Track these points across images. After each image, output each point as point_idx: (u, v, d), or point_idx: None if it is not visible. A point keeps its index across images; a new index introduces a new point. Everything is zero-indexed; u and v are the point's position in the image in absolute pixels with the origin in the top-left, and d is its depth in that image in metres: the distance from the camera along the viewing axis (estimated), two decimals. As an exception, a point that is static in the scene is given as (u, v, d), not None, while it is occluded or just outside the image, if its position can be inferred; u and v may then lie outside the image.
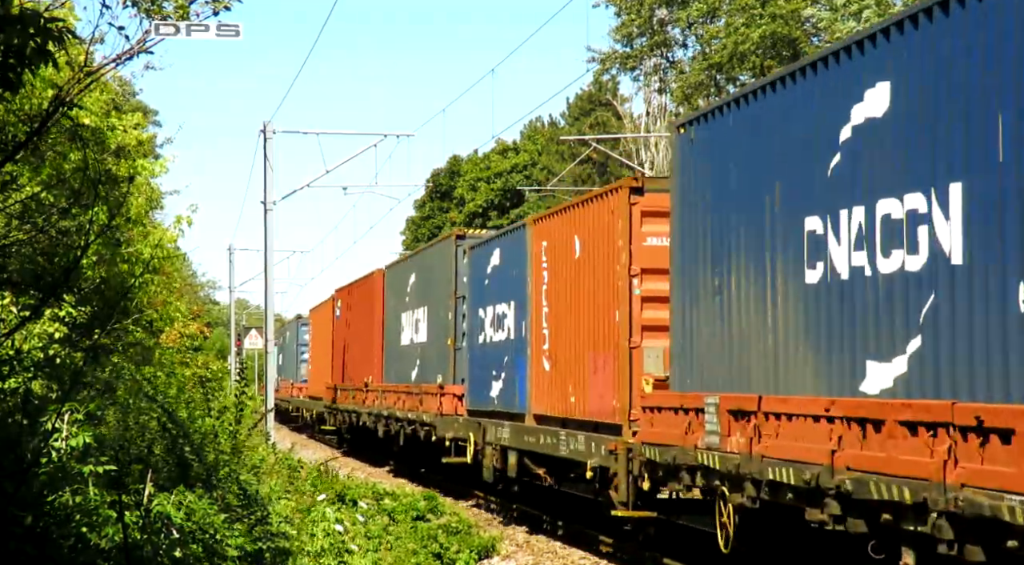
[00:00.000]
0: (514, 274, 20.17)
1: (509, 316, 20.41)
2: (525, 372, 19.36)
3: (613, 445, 15.16)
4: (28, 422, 8.48)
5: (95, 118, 14.64)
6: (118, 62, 10.15)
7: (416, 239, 75.41)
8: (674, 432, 13.22)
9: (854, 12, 42.01)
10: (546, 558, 17.69)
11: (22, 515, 7.56)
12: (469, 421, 22.75)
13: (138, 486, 9.97)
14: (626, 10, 56.26)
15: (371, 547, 16.10)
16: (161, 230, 18.55)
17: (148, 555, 8.67)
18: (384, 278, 32.41)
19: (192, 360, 25.72)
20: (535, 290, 19.04)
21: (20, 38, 6.51)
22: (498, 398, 20.92)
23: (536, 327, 18.96)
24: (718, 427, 12.06)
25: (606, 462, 15.49)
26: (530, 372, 19.16)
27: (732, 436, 11.78)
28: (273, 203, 32.16)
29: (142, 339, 18.94)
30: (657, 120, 54.65)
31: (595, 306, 16.45)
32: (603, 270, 16.17)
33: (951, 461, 8.67)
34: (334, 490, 21.32)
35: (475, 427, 22.15)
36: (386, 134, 34.22)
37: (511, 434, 19.84)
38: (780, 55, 50.67)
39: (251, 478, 14.99)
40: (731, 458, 11.72)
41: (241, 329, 75.31)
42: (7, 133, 12.66)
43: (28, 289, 14.05)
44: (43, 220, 14.12)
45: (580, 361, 16.92)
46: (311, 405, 47.79)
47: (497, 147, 73.90)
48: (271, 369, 33.61)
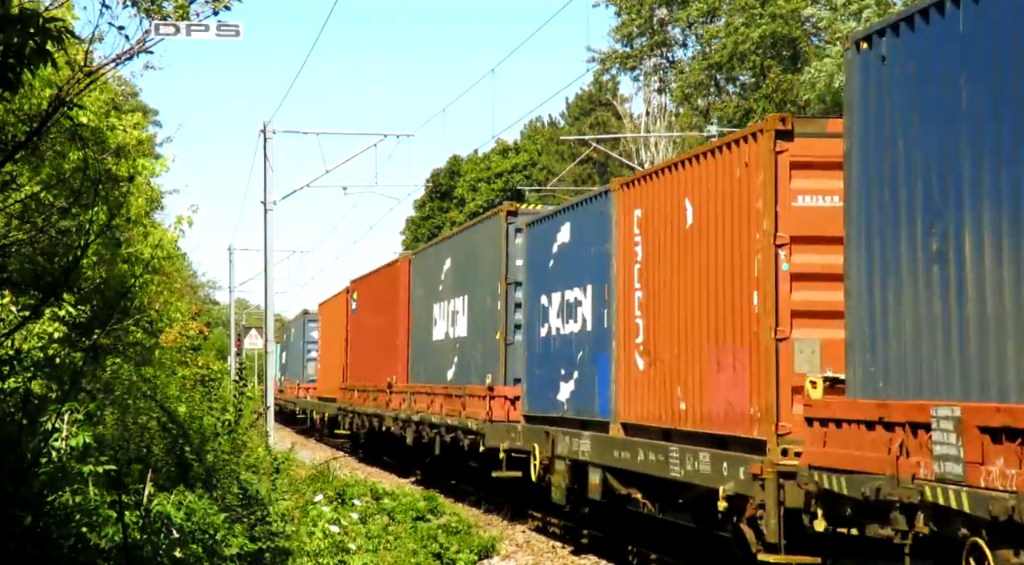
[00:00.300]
0: (592, 252, 16.65)
1: (585, 303, 16.87)
2: (609, 371, 15.84)
3: (758, 468, 11.78)
4: (28, 422, 8.48)
5: (94, 118, 14.64)
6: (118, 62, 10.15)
7: (416, 239, 75.41)
8: (871, 455, 9.73)
9: (854, 12, 42.01)
10: (546, 558, 17.69)
11: (22, 515, 7.56)
12: (531, 430, 18.84)
13: (138, 486, 9.98)
14: (626, 10, 56.29)
15: (371, 547, 16.12)
16: (161, 230, 18.56)
17: (148, 555, 8.67)
18: (410, 266, 29.06)
19: (192, 360, 25.72)
20: (624, 270, 15.54)
21: (19, 38, 6.51)
22: (569, 402, 17.38)
23: (625, 316, 15.45)
24: (960, 451, 8.70)
25: (746, 489, 12.01)
26: (616, 371, 15.64)
27: (990, 465, 8.42)
28: (273, 203, 32.16)
29: (142, 339, 18.94)
30: (657, 120, 54.67)
31: (718, 287, 13.06)
32: (731, 241, 12.76)
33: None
34: (333, 489, 21.35)
35: (540, 438, 18.19)
36: (386, 134, 34.23)
37: (594, 447, 16.05)
38: (780, 55, 50.68)
39: (251, 478, 15.00)
40: (996, 497, 8.24)
41: (241, 329, 75.28)
42: (7, 133, 12.66)
43: (28, 289, 14.05)
44: (43, 220, 14.11)
45: (694, 357, 13.53)
46: (321, 407, 44.53)
47: (497, 147, 73.93)
48: (271, 369, 33.62)
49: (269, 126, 31.76)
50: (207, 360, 28.70)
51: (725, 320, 12.87)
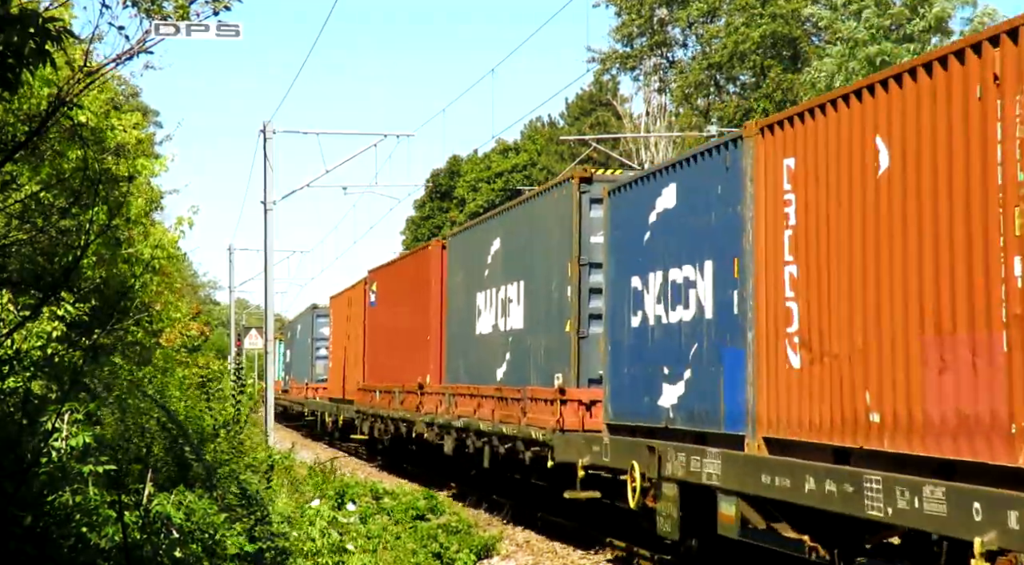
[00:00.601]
0: (711, 219, 13.03)
1: (701, 284, 13.22)
2: (742, 370, 12.32)
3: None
4: (28, 422, 8.48)
5: (94, 117, 14.65)
6: (118, 62, 10.15)
7: (416, 239, 75.47)
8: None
9: (854, 12, 42.04)
10: (546, 558, 17.68)
11: (22, 515, 7.56)
12: (625, 443, 14.92)
13: (138, 486, 9.99)
14: (626, 10, 56.34)
15: (370, 547, 16.11)
16: (161, 230, 18.58)
17: (148, 555, 8.68)
18: (446, 250, 25.64)
19: (192, 360, 25.74)
20: (767, 239, 12.00)
21: (19, 38, 6.51)
22: (676, 409, 13.60)
23: (770, 298, 11.91)
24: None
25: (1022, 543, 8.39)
26: (755, 370, 12.07)
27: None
28: (273, 203, 32.19)
29: (142, 339, 18.96)
30: (657, 120, 54.69)
31: (940, 255, 9.39)
32: (963, 189, 9.14)
33: None
34: (333, 490, 21.36)
35: (640, 454, 14.22)
36: (386, 134, 34.28)
37: (727, 469, 12.33)
38: (780, 55, 50.69)
39: (251, 477, 15.01)
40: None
41: (241, 329, 75.32)
42: (7, 133, 12.66)
43: (28, 289, 14.06)
44: (43, 220, 14.13)
45: (894, 352, 9.98)
46: (333, 409, 40.54)
47: (497, 147, 73.98)
48: (271, 369, 33.64)
49: (269, 126, 31.78)
50: (207, 360, 28.75)
51: (955, 301, 9.25)
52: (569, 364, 17.52)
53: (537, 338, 19.12)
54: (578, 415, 16.96)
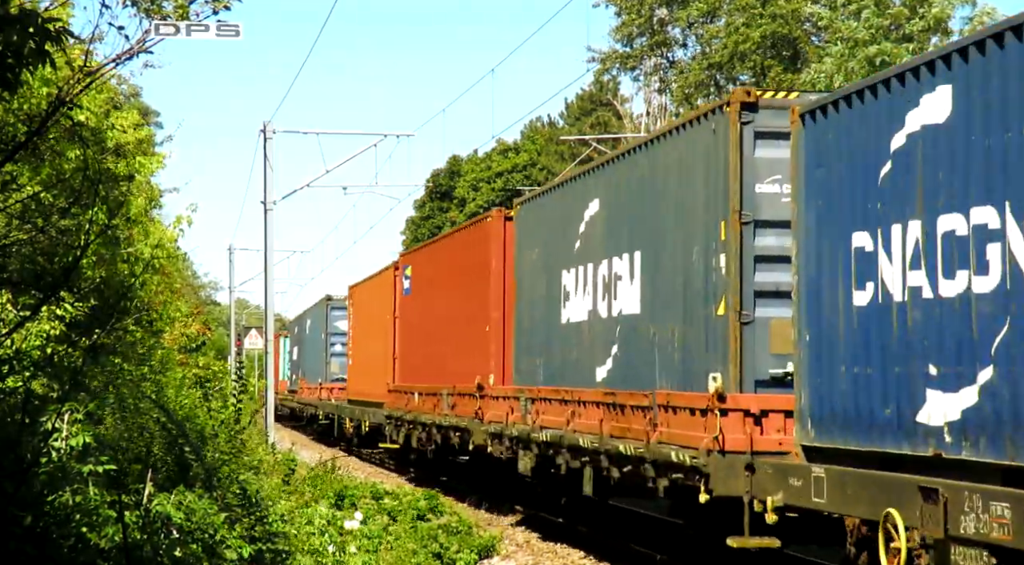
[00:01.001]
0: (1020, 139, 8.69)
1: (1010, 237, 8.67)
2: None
3: None
4: (28, 422, 8.48)
5: (93, 117, 14.65)
6: (118, 62, 10.14)
7: (416, 239, 75.45)
8: None
9: (854, 11, 42.03)
10: (546, 558, 17.68)
11: (22, 515, 7.56)
12: (860, 478, 10.34)
13: (138, 486, 9.99)
14: (626, 10, 56.33)
15: (371, 547, 16.12)
16: (161, 229, 18.57)
17: (148, 555, 8.67)
18: (512, 221, 21.20)
19: (192, 360, 25.74)
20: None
21: (19, 38, 6.51)
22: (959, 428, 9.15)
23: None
24: None
25: None
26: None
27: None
28: (273, 203, 32.22)
29: (142, 339, 18.95)
30: (657, 120, 54.70)
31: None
32: None
33: None
34: (333, 490, 21.36)
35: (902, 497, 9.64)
36: (386, 134, 34.36)
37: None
38: (780, 55, 50.69)
39: (251, 478, 15.00)
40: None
41: (241, 329, 75.34)
42: (7, 133, 12.65)
43: (28, 289, 14.06)
44: (43, 220, 14.12)
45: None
46: (355, 412, 35.74)
47: (497, 147, 73.98)
48: (271, 369, 33.68)
49: (269, 126, 31.80)
50: (207, 360, 28.76)
51: None
52: (725, 360, 12.91)
53: (665, 326, 14.48)
54: (745, 431, 12.38)
